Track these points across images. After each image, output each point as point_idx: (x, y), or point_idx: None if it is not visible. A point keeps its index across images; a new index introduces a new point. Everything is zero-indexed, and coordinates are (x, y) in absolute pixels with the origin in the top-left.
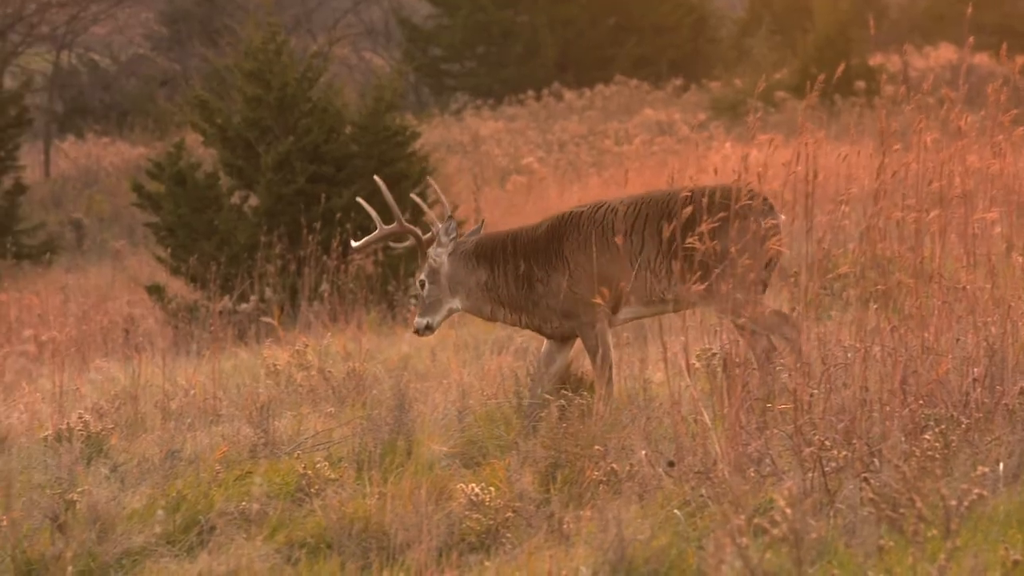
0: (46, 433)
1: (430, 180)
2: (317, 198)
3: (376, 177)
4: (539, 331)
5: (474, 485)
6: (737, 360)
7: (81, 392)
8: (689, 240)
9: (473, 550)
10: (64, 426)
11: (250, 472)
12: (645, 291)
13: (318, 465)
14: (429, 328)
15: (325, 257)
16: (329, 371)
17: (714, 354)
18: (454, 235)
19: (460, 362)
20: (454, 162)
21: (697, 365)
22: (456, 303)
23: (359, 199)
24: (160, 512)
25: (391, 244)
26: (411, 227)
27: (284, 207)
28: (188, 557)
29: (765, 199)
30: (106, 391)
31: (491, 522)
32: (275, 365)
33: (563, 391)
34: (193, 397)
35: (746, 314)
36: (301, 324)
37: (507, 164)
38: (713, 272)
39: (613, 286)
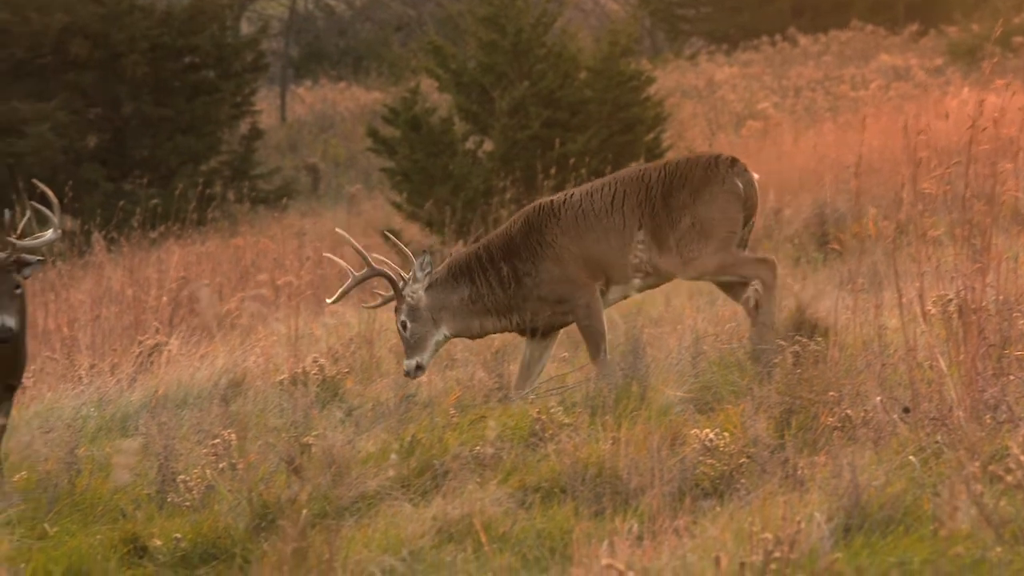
0: (282, 377)
1: (388, 233)
2: (551, 143)
3: (338, 229)
4: (528, 326)
5: (708, 430)
6: (974, 306)
7: (316, 336)
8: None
9: (706, 495)
10: (300, 370)
11: (484, 416)
12: (631, 267)
13: (552, 410)
14: (420, 368)
15: None
16: None
17: (950, 300)
18: (429, 269)
19: (694, 308)
20: (688, 107)
21: (933, 311)
22: (443, 332)
23: (327, 254)
24: (394, 456)
25: (365, 307)
26: (381, 269)
27: (519, 152)
28: (422, 501)
29: (735, 160)
30: (341, 335)
31: (725, 467)
32: None
33: (797, 337)
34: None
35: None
36: None
37: (742, 109)
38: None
39: (602, 266)
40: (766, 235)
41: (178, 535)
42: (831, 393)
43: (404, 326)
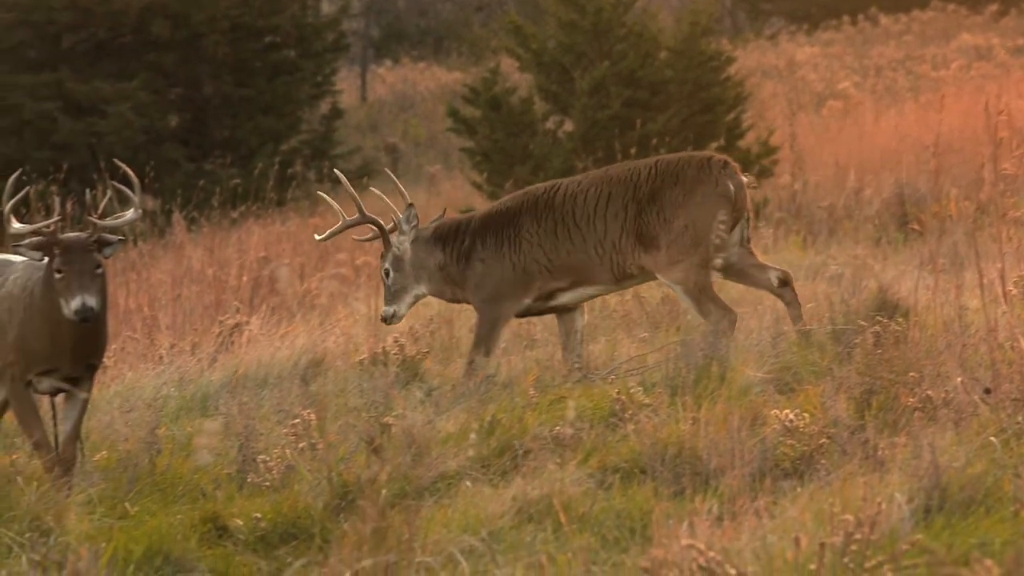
0: (362, 357)
1: (387, 171)
2: (632, 123)
3: (336, 171)
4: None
5: (788, 411)
6: None
7: None
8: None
9: (786, 476)
10: (379, 350)
11: (564, 397)
12: (612, 271)
13: (632, 390)
14: (396, 316)
15: None
16: (643, 297)
17: None
18: (415, 223)
19: None
20: (769, 87)
21: (1014, 291)
22: (421, 288)
23: (321, 192)
24: (473, 436)
25: (357, 239)
26: (373, 217)
27: (599, 132)
28: (502, 481)
29: (727, 161)
30: (421, 315)
31: (805, 448)
32: None
33: (878, 318)
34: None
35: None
36: None
37: (823, 89)
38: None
39: (573, 271)
40: (847, 215)
41: (258, 515)
42: (912, 374)
43: (387, 274)
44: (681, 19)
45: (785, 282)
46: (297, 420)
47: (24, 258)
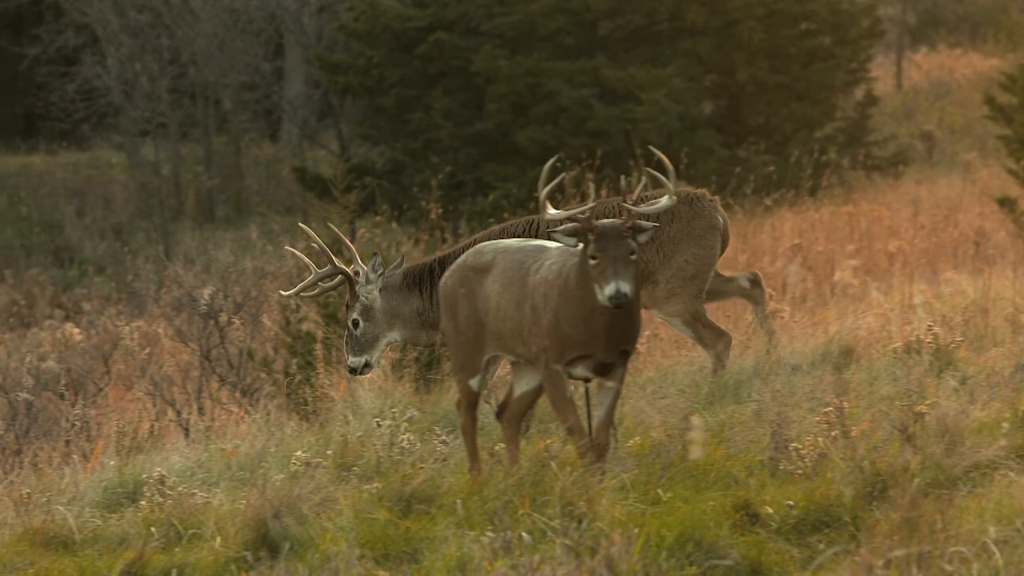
0: (895, 345)
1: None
2: None
3: (301, 224)
4: None
5: None
6: None
7: (931, 304)
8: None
9: None
10: (913, 338)
11: None
12: None
13: None
14: (368, 366)
15: None
16: None
17: None
18: (381, 271)
19: None
20: None
21: None
22: (395, 335)
23: (288, 247)
24: (1005, 425)
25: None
26: (343, 267)
27: None
28: None
29: (712, 197)
30: (955, 304)
31: None
32: None
33: None
34: None
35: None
36: None
37: None
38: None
39: None
40: None
41: (790, 502)
42: None
43: (356, 324)
44: None
45: (755, 281)
46: (829, 408)
47: (559, 244)
